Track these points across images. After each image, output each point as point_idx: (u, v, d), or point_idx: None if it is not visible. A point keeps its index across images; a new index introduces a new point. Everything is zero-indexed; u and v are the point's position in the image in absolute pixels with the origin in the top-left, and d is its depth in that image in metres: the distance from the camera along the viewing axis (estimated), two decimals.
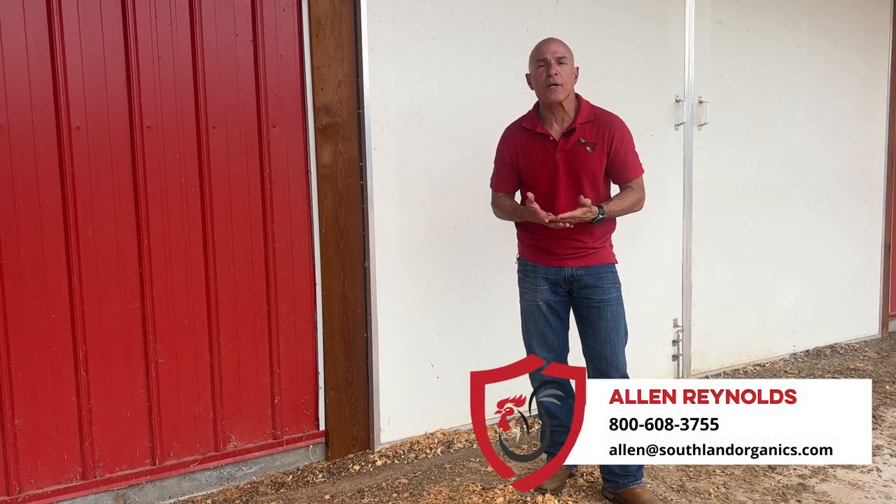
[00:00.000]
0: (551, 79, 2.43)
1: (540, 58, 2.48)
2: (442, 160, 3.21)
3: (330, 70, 2.92)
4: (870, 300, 4.99)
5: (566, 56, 2.47)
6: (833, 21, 4.53)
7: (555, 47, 2.47)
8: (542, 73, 2.47)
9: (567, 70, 2.46)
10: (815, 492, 2.75)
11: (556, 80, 2.43)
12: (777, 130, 4.36)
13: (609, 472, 2.62)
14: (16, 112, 2.39)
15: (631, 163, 2.55)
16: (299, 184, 2.92)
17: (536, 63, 2.49)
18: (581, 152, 2.48)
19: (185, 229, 2.70)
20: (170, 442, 2.74)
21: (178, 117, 2.65)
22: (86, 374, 2.57)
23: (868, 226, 4.89)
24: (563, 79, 2.44)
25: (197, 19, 2.66)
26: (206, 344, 2.77)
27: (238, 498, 2.77)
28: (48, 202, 2.47)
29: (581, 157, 2.48)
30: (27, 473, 2.51)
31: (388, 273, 3.13)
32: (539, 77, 2.48)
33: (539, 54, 2.49)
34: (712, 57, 4.02)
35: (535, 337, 2.64)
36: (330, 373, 3.03)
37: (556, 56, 2.45)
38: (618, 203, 2.52)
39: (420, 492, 2.77)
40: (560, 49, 2.47)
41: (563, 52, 2.47)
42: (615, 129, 2.51)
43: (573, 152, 2.49)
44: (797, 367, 4.36)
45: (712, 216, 4.13)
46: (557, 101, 2.46)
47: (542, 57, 2.47)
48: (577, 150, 2.48)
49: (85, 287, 2.54)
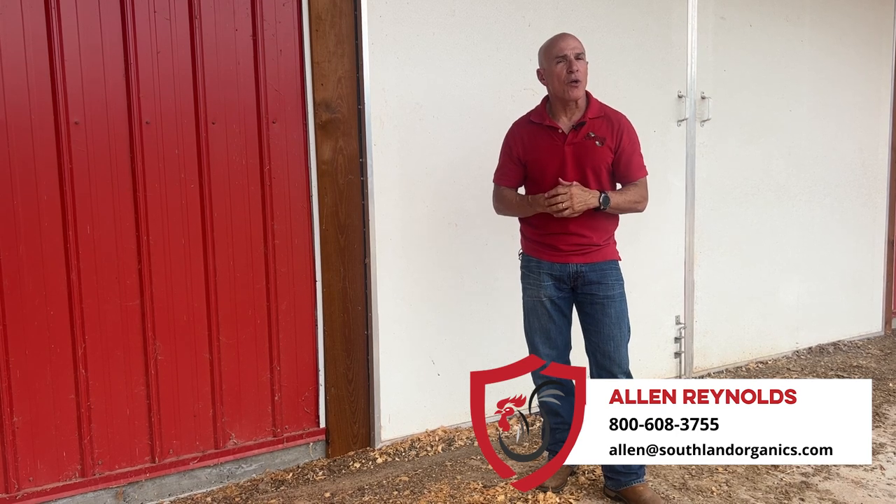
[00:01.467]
0: (573, 75, 2.42)
1: (559, 54, 2.45)
2: (442, 156, 3.20)
3: (330, 65, 2.90)
4: (873, 297, 4.97)
5: (583, 53, 2.47)
6: (836, 16, 4.51)
7: (574, 43, 2.46)
8: (562, 70, 2.44)
9: (585, 67, 2.47)
10: (819, 490, 2.74)
11: (578, 77, 2.43)
12: (780, 126, 4.34)
13: (611, 470, 2.61)
14: (14, 107, 2.38)
15: (636, 163, 2.55)
16: (299, 180, 2.90)
17: (554, 59, 2.46)
18: (590, 146, 2.47)
19: (185, 226, 2.69)
20: (169, 439, 2.73)
21: (177, 113, 2.64)
22: (85, 372, 2.56)
23: (871, 222, 4.87)
24: (582, 75, 2.44)
25: (196, 14, 2.64)
26: (205, 341, 2.76)
27: (238, 496, 2.76)
28: (46, 198, 2.45)
29: (589, 151, 2.48)
30: (26, 471, 2.50)
31: (388, 270, 3.11)
32: (559, 74, 2.44)
33: (558, 50, 2.45)
34: (715, 53, 4.00)
35: (538, 333, 2.63)
36: (330, 370, 3.02)
37: (575, 52, 2.44)
38: (621, 195, 2.51)
39: (421, 489, 2.76)
40: (579, 45, 2.47)
41: (581, 49, 2.47)
42: (624, 127, 2.51)
43: (582, 145, 2.48)
44: (800, 365, 4.35)
45: (715, 213, 4.11)
46: (577, 97, 2.45)
47: (562, 53, 2.44)
48: (586, 143, 2.48)
49: (84, 284, 2.53)
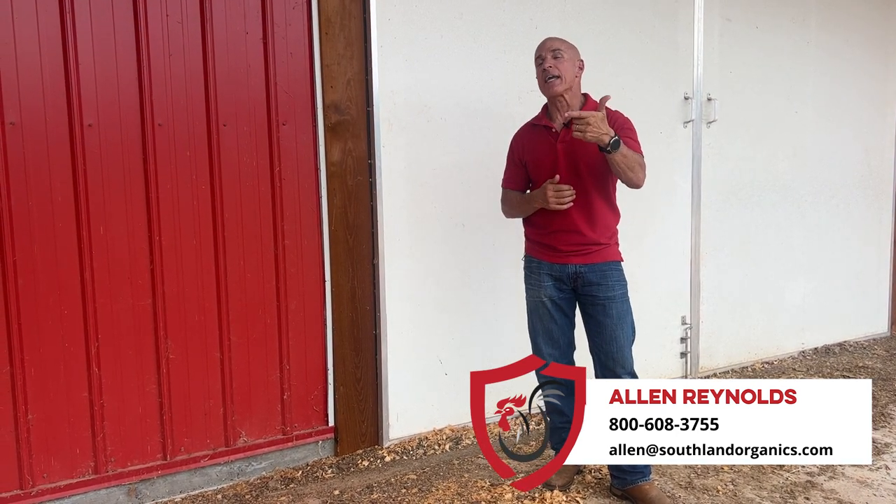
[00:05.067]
0: (547, 72, 2.49)
1: (537, 55, 2.55)
2: (450, 158, 3.22)
3: (339, 68, 2.93)
4: (879, 298, 4.97)
5: (561, 48, 2.50)
6: (842, 17, 4.51)
7: (549, 43, 2.53)
8: (539, 70, 2.54)
9: (565, 63, 2.49)
10: (824, 489, 2.75)
11: (552, 73, 2.48)
12: (786, 127, 4.35)
13: (617, 469, 2.63)
14: (29, 110, 2.41)
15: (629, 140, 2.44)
16: (309, 181, 2.93)
17: (536, 61, 2.56)
18: (580, 142, 2.43)
19: (196, 226, 2.72)
20: (180, 437, 2.76)
21: (188, 115, 2.67)
22: (98, 370, 2.59)
23: (877, 223, 4.88)
24: (560, 71, 2.47)
25: (207, 17, 2.67)
26: (216, 340, 2.79)
27: (248, 493, 2.79)
28: (61, 199, 2.49)
29: (580, 146, 2.47)
30: (40, 468, 2.54)
31: (396, 270, 3.14)
32: (539, 74, 2.55)
33: (537, 52, 2.56)
34: (721, 54, 4.01)
35: (541, 333, 2.65)
36: (339, 369, 3.05)
37: (550, 50, 2.50)
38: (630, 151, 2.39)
39: (428, 487, 2.79)
40: (555, 43, 2.52)
41: (557, 46, 2.51)
42: (615, 117, 2.52)
43: (573, 142, 2.47)
44: (806, 365, 4.36)
45: (721, 213, 4.12)
46: (556, 93, 2.49)
47: (539, 54, 2.54)
48: (576, 140, 2.44)
49: (97, 284, 2.56)
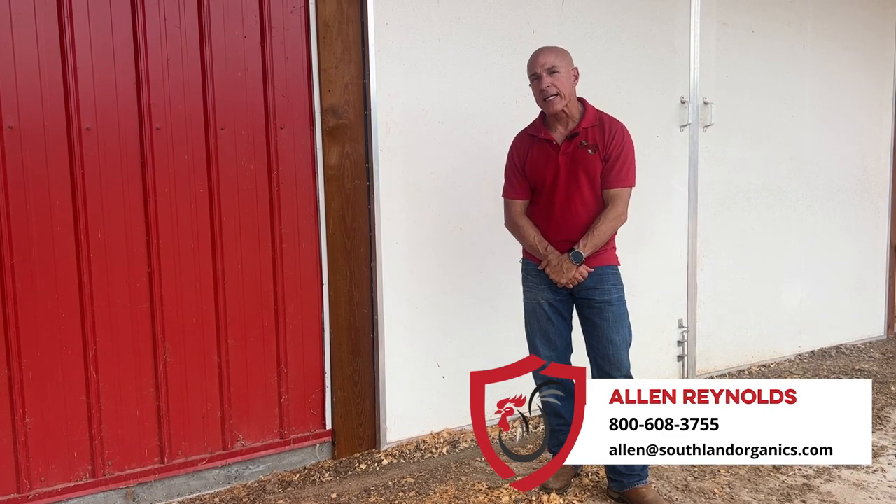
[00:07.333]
0: (545, 92, 2.46)
1: (531, 72, 2.51)
2: (448, 161, 3.23)
3: (337, 72, 2.94)
4: (875, 301, 4.98)
5: (557, 64, 2.46)
6: (839, 22, 4.53)
7: (543, 59, 2.47)
8: (535, 88, 2.51)
9: (561, 78, 2.46)
10: (820, 492, 2.76)
11: (550, 92, 2.46)
12: (782, 131, 4.36)
13: (614, 472, 2.63)
14: (27, 114, 2.42)
15: (617, 171, 2.48)
16: (307, 185, 2.94)
17: (531, 77, 2.53)
18: (583, 154, 2.50)
19: (194, 230, 2.73)
20: (178, 440, 2.76)
21: (186, 119, 2.68)
22: (95, 374, 2.59)
23: (874, 227, 4.89)
24: (558, 88, 2.46)
25: (205, 22, 2.68)
26: (214, 343, 2.80)
27: (245, 496, 2.80)
28: (59, 203, 2.49)
29: (582, 159, 2.50)
30: (38, 471, 2.54)
31: (394, 273, 3.15)
32: (535, 91, 2.52)
33: (531, 68, 2.51)
34: (718, 58, 4.03)
35: (538, 335, 2.66)
36: (337, 372, 3.05)
37: (545, 68, 2.46)
38: (591, 236, 2.45)
39: (426, 491, 2.79)
40: (549, 59, 2.47)
41: (552, 62, 2.46)
42: (616, 131, 2.51)
43: (575, 155, 2.50)
44: (802, 368, 4.36)
45: (718, 217, 4.13)
46: (557, 111, 2.49)
47: (533, 71, 2.50)
48: (578, 152, 2.50)
49: (95, 287, 2.56)
